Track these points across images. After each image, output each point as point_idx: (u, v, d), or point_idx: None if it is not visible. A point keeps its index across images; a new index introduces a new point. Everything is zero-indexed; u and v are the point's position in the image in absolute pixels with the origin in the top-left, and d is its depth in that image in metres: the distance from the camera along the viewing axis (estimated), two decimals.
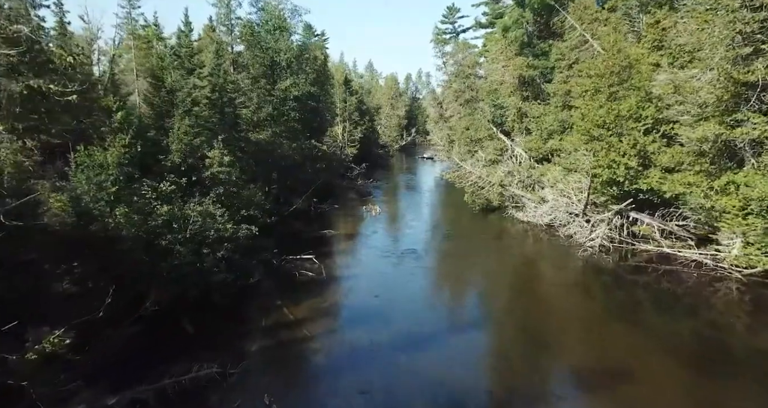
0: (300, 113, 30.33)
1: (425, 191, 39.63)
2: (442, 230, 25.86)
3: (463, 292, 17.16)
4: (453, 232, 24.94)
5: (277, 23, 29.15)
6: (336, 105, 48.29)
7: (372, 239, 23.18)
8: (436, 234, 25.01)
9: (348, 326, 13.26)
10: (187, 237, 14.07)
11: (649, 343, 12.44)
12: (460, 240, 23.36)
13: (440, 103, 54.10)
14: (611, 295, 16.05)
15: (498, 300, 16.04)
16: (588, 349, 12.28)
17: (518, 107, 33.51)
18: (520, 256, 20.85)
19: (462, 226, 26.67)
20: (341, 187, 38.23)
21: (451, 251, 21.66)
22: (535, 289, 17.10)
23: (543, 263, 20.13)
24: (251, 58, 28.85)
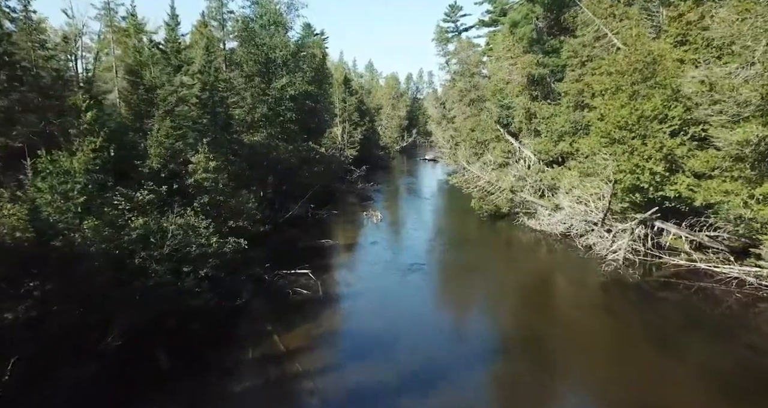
0: (297, 114, 28.64)
1: (428, 195, 37.90)
2: (449, 240, 24.07)
3: (474, 314, 15.46)
4: (460, 242, 23.16)
5: (272, 18, 27.46)
6: (335, 105, 46.60)
7: (373, 250, 21.45)
8: (442, 244, 23.29)
9: (347, 359, 11.55)
10: (165, 254, 12.36)
11: (684, 372, 10.83)
12: (468, 251, 21.64)
13: (443, 104, 52.46)
14: (639, 316, 14.34)
15: (513, 323, 14.34)
16: (615, 379, 10.63)
17: (527, 108, 31.81)
18: (534, 271, 19.09)
19: (469, 234, 24.94)
20: (340, 191, 36.54)
21: (458, 264, 19.94)
22: (553, 309, 15.39)
23: (560, 278, 18.40)
24: (245, 55, 27.16)
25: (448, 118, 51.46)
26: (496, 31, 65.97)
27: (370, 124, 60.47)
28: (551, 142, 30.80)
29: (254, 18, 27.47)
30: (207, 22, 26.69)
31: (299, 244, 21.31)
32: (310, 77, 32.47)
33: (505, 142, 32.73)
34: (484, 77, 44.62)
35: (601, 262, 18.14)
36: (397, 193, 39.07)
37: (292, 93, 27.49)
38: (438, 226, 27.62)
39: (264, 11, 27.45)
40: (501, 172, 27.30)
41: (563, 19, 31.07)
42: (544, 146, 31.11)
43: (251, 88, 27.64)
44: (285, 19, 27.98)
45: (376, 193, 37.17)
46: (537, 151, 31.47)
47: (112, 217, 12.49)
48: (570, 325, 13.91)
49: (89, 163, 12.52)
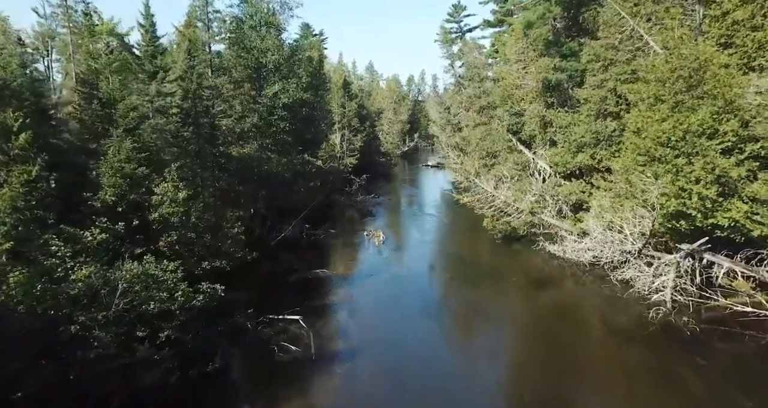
0: (291, 124, 26.05)
1: (434, 208, 35.18)
2: (460, 270, 21.18)
3: (498, 373, 12.82)
4: (472, 273, 20.26)
5: (263, 18, 24.88)
6: (334, 111, 44.02)
7: (375, 284, 18.63)
8: (454, 275, 20.50)
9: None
10: (112, 315, 9.73)
11: None
12: (483, 285, 18.82)
13: (448, 108, 49.94)
14: (703, 384, 11.67)
15: (545, 384, 11.69)
16: None
17: (541, 116, 29.20)
18: (562, 314, 16.04)
19: (482, 262, 22.11)
20: (339, 205, 33.93)
21: (473, 304, 17.17)
22: (590, 370, 12.67)
23: (596, 325, 15.46)
24: (233, 60, 24.59)
25: (453, 123, 48.94)
26: (502, 32, 63.73)
27: (370, 129, 57.93)
28: (569, 153, 28.16)
29: (243, 18, 24.90)
30: (191, 23, 24.15)
31: (291, 277, 18.64)
32: (306, 83, 29.91)
33: (517, 153, 30.10)
34: (491, 80, 42.07)
35: (642, 303, 15.47)
36: (399, 206, 36.40)
37: (286, 101, 24.91)
38: (446, 251, 24.80)
39: (254, 11, 24.88)
40: (518, 190, 24.57)
41: (582, 19, 28.51)
42: (561, 158, 28.47)
43: (240, 95, 25.07)
44: (278, 19, 25.40)
45: (377, 207, 34.55)
46: (553, 163, 28.83)
47: (48, 267, 9.88)
48: (614, 389, 11.27)
49: (20, 199, 9.91)
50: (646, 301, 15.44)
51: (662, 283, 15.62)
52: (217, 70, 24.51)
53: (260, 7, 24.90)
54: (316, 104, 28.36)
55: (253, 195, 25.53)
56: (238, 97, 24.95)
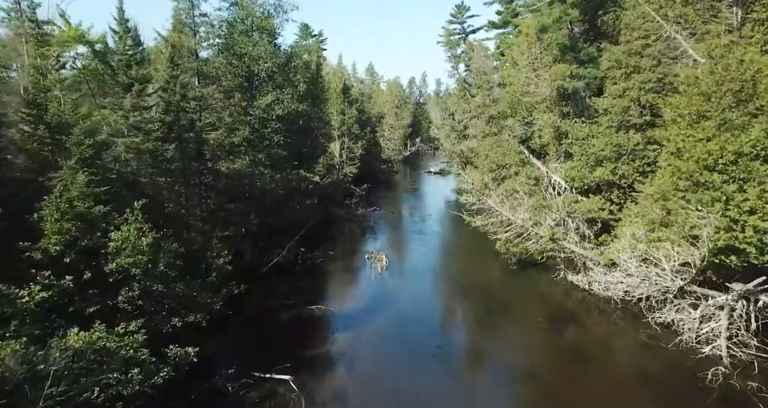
0: (286, 136, 23.94)
1: (439, 224, 32.96)
2: (472, 303, 18.84)
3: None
4: (488, 309, 17.86)
5: (255, 23, 22.77)
6: (333, 118, 41.92)
7: (379, 325, 16.19)
8: (467, 312, 18.12)
9: None
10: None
11: None
12: (500, 324, 16.39)
13: (452, 114, 47.83)
14: None
15: None
16: None
17: (556, 126, 27.06)
18: (594, 366, 13.66)
19: (498, 294, 19.53)
20: (338, 219, 31.82)
21: (490, 351, 14.93)
22: None
23: (637, 383, 12.77)
24: (222, 68, 22.49)
25: (457, 130, 46.84)
26: (507, 33, 61.66)
27: (371, 135, 55.86)
28: (586, 167, 26.01)
29: (234, 23, 22.79)
30: (178, 28, 22.06)
31: (283, 315, 16.48)
32: (303, 91, 27.82)
33: (530, 167, 27.96)
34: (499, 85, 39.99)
35: (692, 357, 13.27)
36: (402, 220, 34.18)
37: (280, 113, 22.80)
38: (456, 280, 22.38)
39: (245, 14, 22.77)
40: (535, 212, 22.36)
41: (601, 22, 26.42)
42: (577, 172, 26.32)
43: (230, 106, 22.97)
44: (271, 23, 23.29)
45: (378, 221, 32.42)
46: (568, 178, 26.71)
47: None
48: None
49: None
50: (696, 355, 13.23)
51: (713, 330, 13.46)
52: (204, 79, 22.40)
53: (252, 10, 22.79)
54: (313, 115, 26.27)
55: (244, 214, 23.45)
56: (228, 109, 22.86)
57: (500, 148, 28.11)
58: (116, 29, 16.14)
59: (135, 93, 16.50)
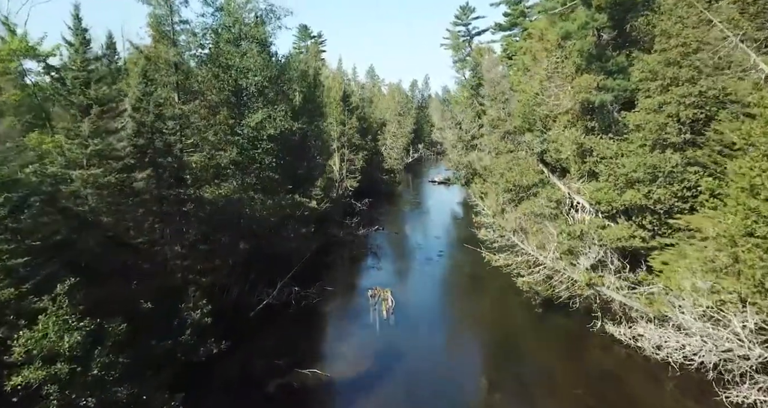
0: (279, 157, 21.26)
1: (448, 248, 30.06)
2: (496, 363, 16.02)
3: None
4: (515, 371, 15.04)
5: (243, 31, 20.10)
6: (332, 128, 39.24)
7: (385, 397, 13.43)
8: (489, 374, 15.13)
9: None
10: None
11: None
12: (530, 393, 13.78)
13: (459, 124, 45.17)
14: None
15: None
16: None
17: (579, 143, 24.38)
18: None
19: (524, 349, 16.61)
20: (337, 243, 29.11)
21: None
22: None
23: None
24: (206, 82, 19.83)
25: (465, 140, 44.20)
26: (513, 35, 59.07)
27: (372, 144, 53.17)
28: (615, 189, 23.32)
29: (219, 30, 20.13)
30: (155, 37, 19.37)
31: (268, 383, 13.73)
32: (300, 104, 25.16)
33: (551, 188, 25.27)
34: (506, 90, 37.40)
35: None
36: (407, 243, 31.27)
37: (272, 132, 20.13)
38: (474, 327, 19.15)
39: (232, 21, 20.09)
40: (567, 254, 19.56)
41: (631, 28, 23.73)
42: (604, 194, 23.62)
43: (215, 124, 20.29)
44: (262, 31, 20.62)
45: (382, 245, 29.71)
46: (595, 200, 24.02)
47: None
48: None
49: None
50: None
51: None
52: (186, 94, 19.72)
53: (240, 16, 20.11)
54: (310, 132, 23.59)
55: (231, 245, 20.78)
56: (213, 127, 20.18)
57: (517, 166, 25.39)
58: (71, 41, 13.51)
59: (95, 116, 13.82)
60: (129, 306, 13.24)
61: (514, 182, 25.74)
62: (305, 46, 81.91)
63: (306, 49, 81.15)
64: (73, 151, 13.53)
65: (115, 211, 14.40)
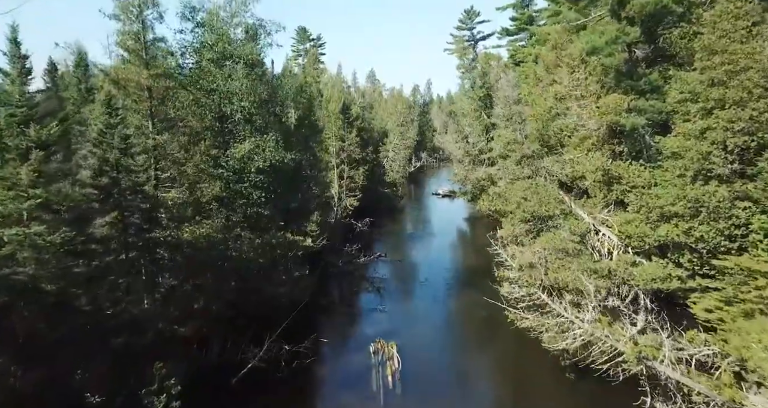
0: (269, 191, 18.72)
1: (459, 282, 27.10)
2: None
3: None
4: None
5: (228, 50, 17.58)
6: (330, 143, 36.75)
7: None
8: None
9: None
10: None
11: None
12: None
13: (466, 137, 42.64)
14: None
15: None
16: None
17: (605, 168, 21.81)
18: None
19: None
20: (335, 274, 26.55)
21: None
22: None
23: None
24: (185, 108, 17.33)
25: (472, 154, 41.65)
26: (519, 39, 56.58)
27: (373, 156, 50.65)
28: (647, 222, 20.75)
29: (200, 49, 17.63)
30: (124, 56, 16.87)
31: None
32: (295, 124, 22.63)
33: (574, 219, 22.67)
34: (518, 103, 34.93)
35: None
36: (414, 276, 28.32)
37: (261, 164, 17.60)
38: (494, 396, 16.62)
39: (215, 39, 17.58)
40: (606, 317, 16.79)
41: (666, 42, 21.16)
42: (635, 228, 21.02)
43: (195, 155, 17.76)
44: (250, 50, 18.11)
45: (385, 275, 27.11)
46: (624, 234, 21.43)
47: None
48: None
49: None
50: None
51: None
52: (162, 122, 17.21)
53: (224, 32, 17.60)
54: (305, 160, 21.00)
55: (213, 293, 18.24)
56: (193, 159, 17.66)
57: (536, 195, 22.81)
58: (7, 70, 11.06)
59: (37, 160, 11.31)
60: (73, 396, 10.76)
61: (532, 213, 23.17)
62: (304, 49, 79.57)
63: (305, 51, 78.92)
64: (7, 205, 11.01)
65: (62, 275, 11.86)
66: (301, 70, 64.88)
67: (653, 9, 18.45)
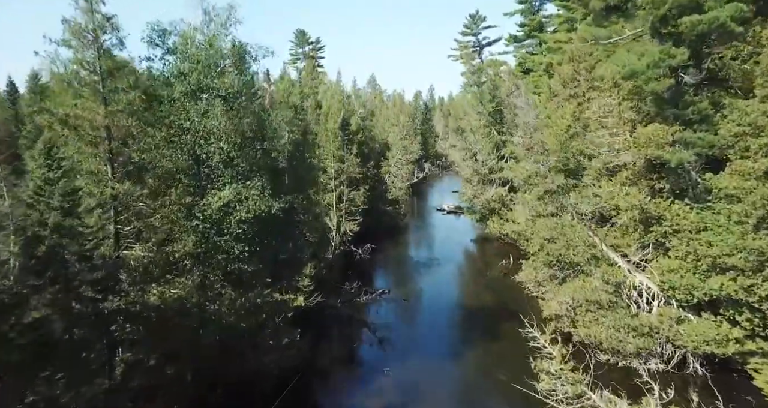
0: (256, 239, 15.84)
1: (477, 329, 23.87)
2: None
3: None
4: None
5: (204, 82, 14.72)
6: (329, 164, 33.92)
7: None
8: None
9: None
10: None
11: None
12: None
13: (475, 155, 39.73)
14: None
15: None
16: None
17: (641, 207, 18.94)
18: None
19: None
20: (333, 318, 23.62)
21: None
22: None
23: None
24: (150, 151, 14.48)
25: (481, 173, 38.77)
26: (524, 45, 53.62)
27: (374, 171, 47.76)
28: (696, 272, 17.89)
29: (170, 81, 14.79)
30: (77, 90, 14.02)
31: None
32: (288, 156, 19.74)
33: (607, 265, 19.78)
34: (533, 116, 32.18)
35: None
36: (423, 321, 25.16)
37: (244, 215, 14.75)
38: None
39: (189, 68, 14.72)
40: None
41: (713, 63, 18.28)
42: (681, 278, 18.17)
43: (165, 205, 14.91)
44: (232, 81, 15.24)
45: (389, 320, 24.19)
46: (668, 285, 18.53)
47: None
48: None
49: None
50: None
51: None
52: (124, 167, 14.37)
53: (200, 60, 14.73)
54: (298, 204, 18.03)
55: (187, 364, 15.41)
56: (162, 210, 14.81)
57: (562, 236, 19.91)
58: None
59: None
60: None
61: (558, 257, 20.28)
62: (302, 52, 76.59)
63: (303, 55, 75.93)
64: None
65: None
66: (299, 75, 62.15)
67: (707, 28, 15.56)
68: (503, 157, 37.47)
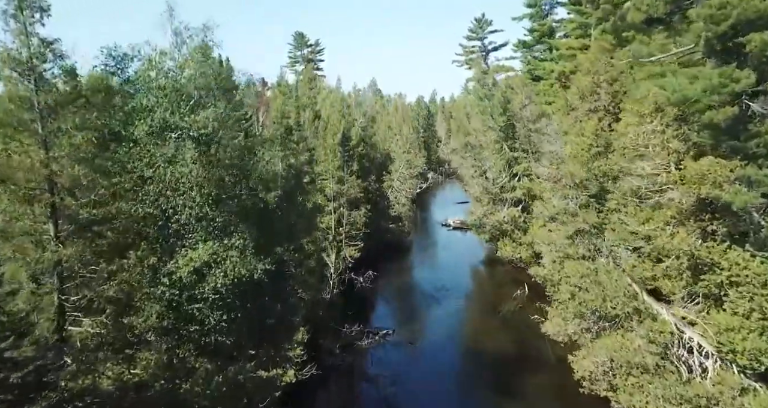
0: (236, 303, 13.09)
1: (493, 376, 21.17)
2: None
3: None
4: None
5: (171, 121, 11.98)
6: (327, 185, 31.19)
7: None
8: None
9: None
10: None
11: None
12: None
13: (485, 173, 36.98)
14: None
15: None
16: None
17: (692, 253, 16.15)
18: None
19: None
20: (330, 370, 20.55)
21: None
22: None
23: None
24: (104, 205, 11.75)
25: (492, 192, 36.00)
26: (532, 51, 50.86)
27: (376, 185, 45.04)
28: (763, 334, 15.09)
29: (129, 119, 12.04)
30: (8, 132, 11.34)
31: None
32: (280, 194, 16.95)
33: (651, 319, 16.97)
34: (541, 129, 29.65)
35: None
36: (433, 371, 21.86)
37: (221, 282, 11.99)
38: None
39: (154, 103, 11.99)
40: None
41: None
42: (741, 339, 15.36)
43: (122, 270, 12.16)
44: (207, 118, 12.48)
45: (395, 370, 21.40)
46: (725, 346, 15.71)
47: None
48: None
49: None
50: None
51: None
52: (71, 225, 11.64)
53: (166, 91, 11.99)
54: (288, 256, 15.17)
55: None
56: (119, 275, 12.06)
57: (597, 285, 17.09)
58: None
59: None
60: None
61: (592, 308, 17.47)
62: (301, 55, 73.91)
63: (302, 58, 73.26)
64: None
65: None
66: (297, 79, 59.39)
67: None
68: (516, 175, 34.74)
